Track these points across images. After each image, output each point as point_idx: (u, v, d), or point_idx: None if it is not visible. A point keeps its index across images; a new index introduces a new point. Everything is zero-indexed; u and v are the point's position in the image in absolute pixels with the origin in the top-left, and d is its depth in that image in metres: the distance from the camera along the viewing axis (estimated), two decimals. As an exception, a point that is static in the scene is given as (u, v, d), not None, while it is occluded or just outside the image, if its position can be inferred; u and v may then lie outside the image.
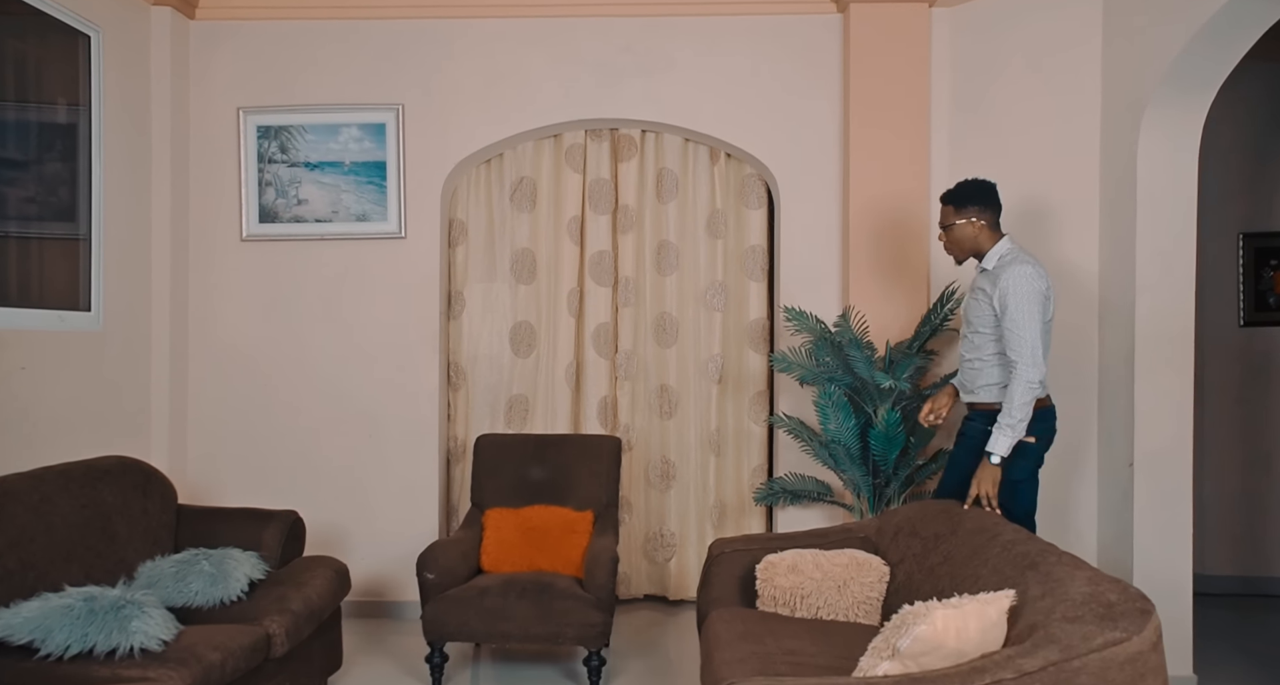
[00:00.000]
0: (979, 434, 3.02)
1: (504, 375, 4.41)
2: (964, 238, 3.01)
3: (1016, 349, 2.83)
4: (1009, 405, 2.83)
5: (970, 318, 3.07)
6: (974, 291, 3.07)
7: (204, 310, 4.23)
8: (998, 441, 2.87)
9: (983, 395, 3.04)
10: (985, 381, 3.02)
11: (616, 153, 4.43)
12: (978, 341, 3.02)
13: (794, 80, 4.17)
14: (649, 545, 4.44)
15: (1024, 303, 2.84)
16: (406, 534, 4.20)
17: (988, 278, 2.99)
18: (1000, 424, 2.86)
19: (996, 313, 2.92)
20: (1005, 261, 2.95)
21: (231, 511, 3.50)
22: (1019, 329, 2.83)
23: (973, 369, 3.06)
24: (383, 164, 4.18)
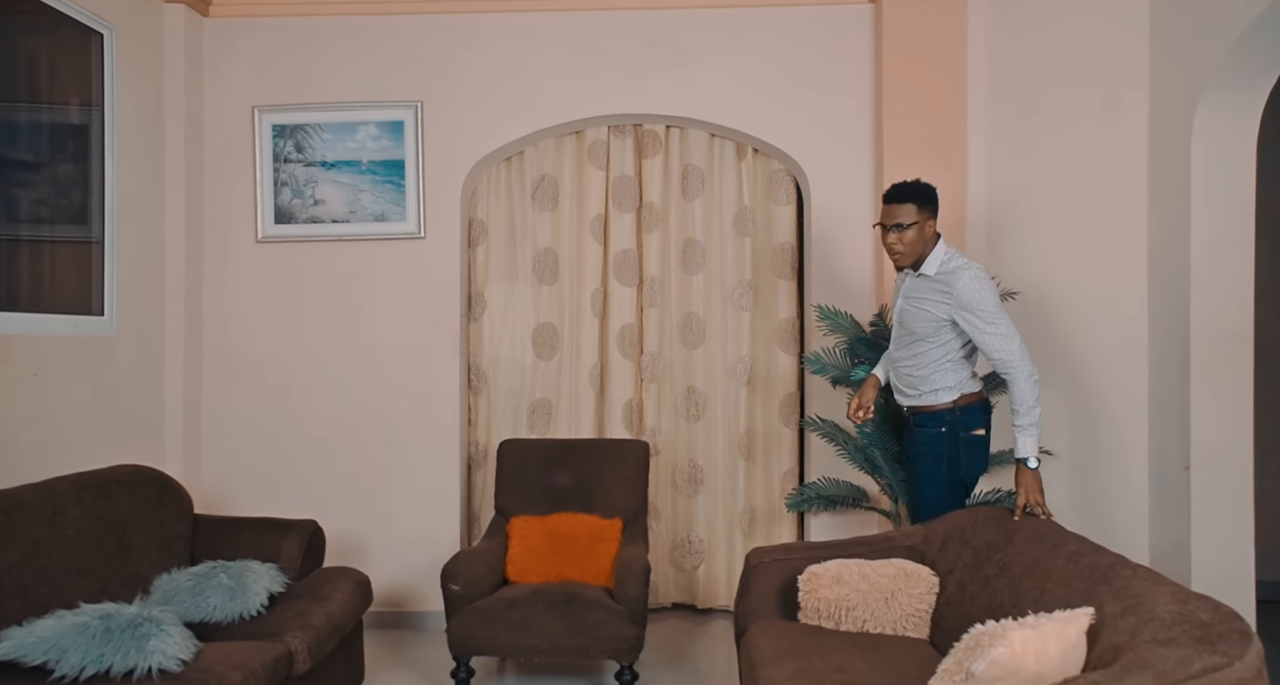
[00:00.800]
0: (936, 439, 2.94)
1: (526, 378, 4.29)
2: (919, 239, 2.86)
3: (1007, 350, 2.75)
4: (1023, 407, 2.75)
5: (910, 326, 2.95)
6: (909, 299, 2.94)
7: (218, 314, 4.12)
8: (1027, 445, 2.77)
9: (929, 399, 2.96)
10: (934, 386, 2.94)
11: (640, 149, 4.31)
12: (920, 349, 2.93)
13: (824, 73, 4.04)
14: (677, 552, 4.31)
15: (994, 304, 2.78)
16: (428, 543, 4.08)
17: (931, 285, 2.87)
18: (1022, 427, 2.77)
19: (950, 319, 2.83)
20: (950, 266, 2.84)
21: (249, 521, 3.39)
22: (1003, 331, 2.76)
23: (915, 375, 2.97)
24: (401, 162, 4.07)
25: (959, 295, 2.79)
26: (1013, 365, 2.76)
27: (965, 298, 2.78)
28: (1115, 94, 3.54)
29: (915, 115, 3.86)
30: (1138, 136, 3.49)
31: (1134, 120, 3.49)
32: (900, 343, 3.01)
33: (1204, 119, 3.14)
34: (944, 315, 2.84)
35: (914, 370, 2.98)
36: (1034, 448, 2.77)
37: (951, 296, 2.80)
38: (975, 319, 2.79)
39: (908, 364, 2.99)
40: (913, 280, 2.96)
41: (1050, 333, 3.72)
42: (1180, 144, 3.23)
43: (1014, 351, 2.77)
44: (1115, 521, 3.49)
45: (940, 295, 2.83)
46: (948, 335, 2.89)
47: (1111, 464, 3.55)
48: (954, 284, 2.79)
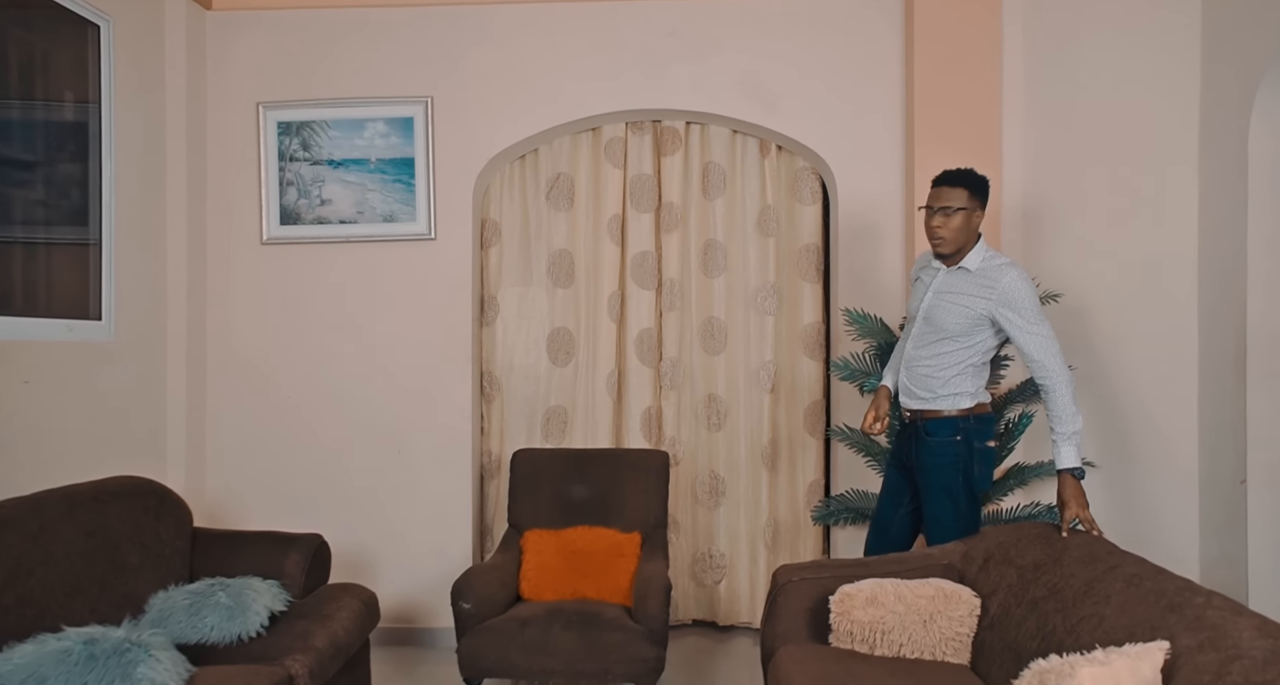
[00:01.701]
0: (950, 448, 2.79)
1: (541, 385, 4.13)
2: (965, 227, 2.72)
3: (1048, 353, 2.64)
4: (1065, 413, 2.62)
5: (941, 322, 2.78)
6: (942, 294, 2.79)
7: (222, 318, 3.98)
8: (1070, 454, 2.62)
9: (944, 404, 2.80)
10: (953, 390, 2.79)
11: (659, 146, 4.15)
12: (946, 349, 2.78)
13: (852, 66, 3.86)
14: (697, 567, 4.14)
15: (1037, 305, 2.67)
16: (438, 556, 3.92)
17: (972, 281, 2.74)
18: (1065, 436, 2.62)
19: (989, 317, 2.70)
20: (994, 263, 2.73)
21: (251, 535, 3.24)
22: (1046, 333, 2.65)
23: (933, 376, 2.81)
24: (411, 161, 3.92)
25: (1003, 292, 2.67)
26: (1053, 370, 2.65)
27: (1010, 295, 2.67)
28: (1164, 81, 3.35)
29: (948, 109, 3.68)
30: (1187, 126, 3.29)
31: (1184, 108, 3.29)
32: (923, 341, 2.84)
33: (1264, 106, 2.94)
34: (984, 312, 2.71)
35: (934, 371, 2.81)
36: (1078, 458, 2.63)
37: (995, 293, 2.68)
38: (1018, 318, 2.67)
39: (927, 364, 2.82)
40: (947, 276, 2.81)
41: (1091, 336, 3.53)
42: (1237, 133, 3.04)
43: (1055, 356, 2.65)
44: (1161, 537, 3.29)
45: (982, 291, 2.71)
46: (981, 336, 2.75)
47: (1157, 476, 3.35)
48: (999, 280, 2.68)
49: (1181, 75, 3.31)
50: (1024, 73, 3.72)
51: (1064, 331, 3.53)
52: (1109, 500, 3.43)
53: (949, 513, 2.83)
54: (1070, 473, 2.61)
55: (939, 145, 3.67)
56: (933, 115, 3.69)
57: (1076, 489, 2.61)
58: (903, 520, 3.02)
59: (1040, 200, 3.69)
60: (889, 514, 3.03)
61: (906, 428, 2.95)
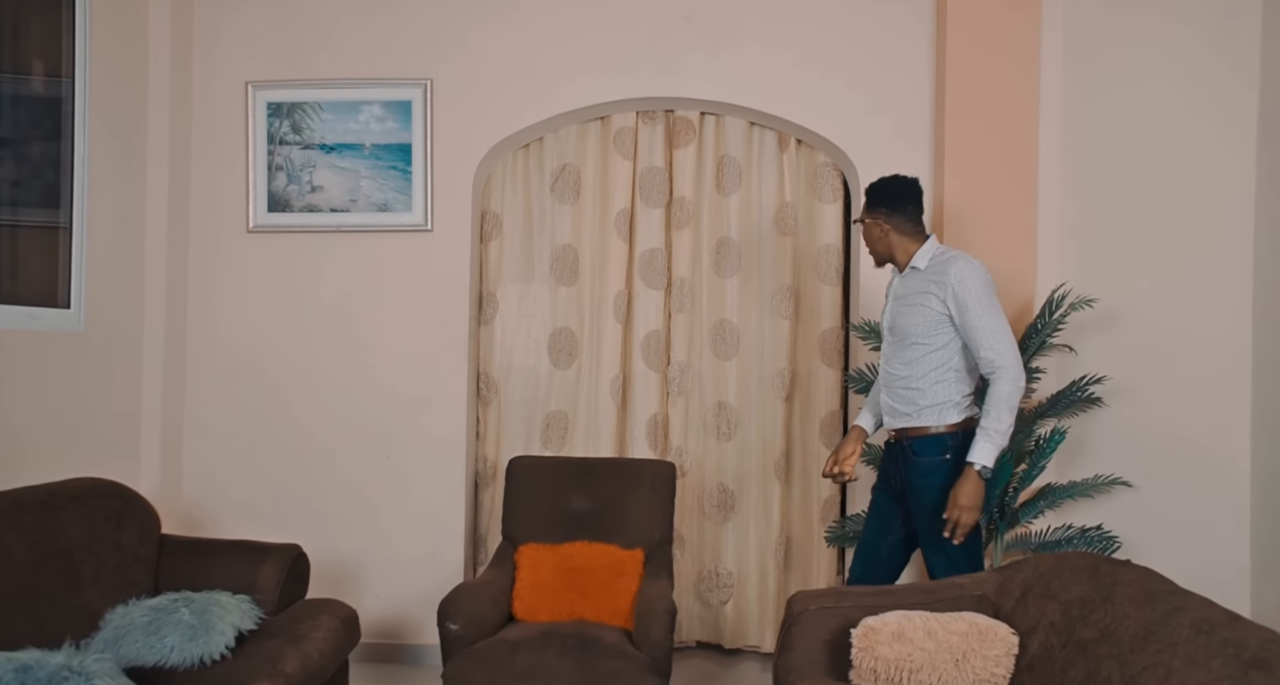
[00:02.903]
0: (940, 469, 2.60)
1: (541, 389, 3.89)
2: (873, 239, 2.75)
3: (995, 347, 2.52)
4: (996, 409, 2.50)
5: (903, 327, 2.67)
6: (900, 299, 2.71)
7: (204, 310, 3.75)
8: (983, 450, 2.50)
9: (930, 418, 2.63)
10: (936, 400, 2.63)
11: (672, 138, 3.91)
12: (916, 354, 2.64)
13: (878, 56, 3.62)
14: (702, 585, 3.89)
15: (988, 295, 2.55)
16: (427, 568, 3.69)
17: (924, 278, 2.64)
18: (986, 430, 2.51)
19: (949, 314, 2.58)
20: (943, 257, 2.65)
21: (223, 544, 3.01)
22: (993, 323, 2.53)
23: (914, 387, 2.65)
24: (408, 147, 3.68)
25: (951, 282, 2.56)
26: (1000, 363, 2.52)
27: (956, 284, 2.55)
28: (1216, 72, 3.11)
29: (981, 102, 3.44)
30: (1244, 125, 3.05)
31: (1239, 107, 3.05)
32: (893, 353, 2.72)
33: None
34: (940, 309, 2.60)
35: (911, 380, 2.64)
36: (992, 458, 2.51)
37: (944, 285, 2.57)
38: (965, 308, 2.54)
39: (903, 373, 2.67)
40: (901, 280, 2.74)
41: (1131, 346, 3.29)
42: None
43: (1003, 349, 2.52)
44: (1207, 568, 3.03)
45: (934, 286, 2.60)
46: (947, 334, 2.61)
47: (1203, 501, 3.11)
48: (946, 271, 2.58)
49: (1239, 58, 3.06)
50: (1063, 69, 3.48)
51: (1100, 340, 3.30)
52: (1148, 524, 3.19)
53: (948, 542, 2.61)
54: (977, 470, 2.50)
55: (970, 143, 3.44)
56: (964, 111, 3.45)
57: (975, 487, 2.50)
58: (892, 547, 2.81)
59: (1078, 202, 3.45)
60: (877, 540, 2.81)
61: (892, 448, 2.76)
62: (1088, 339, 3.33)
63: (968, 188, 3.43)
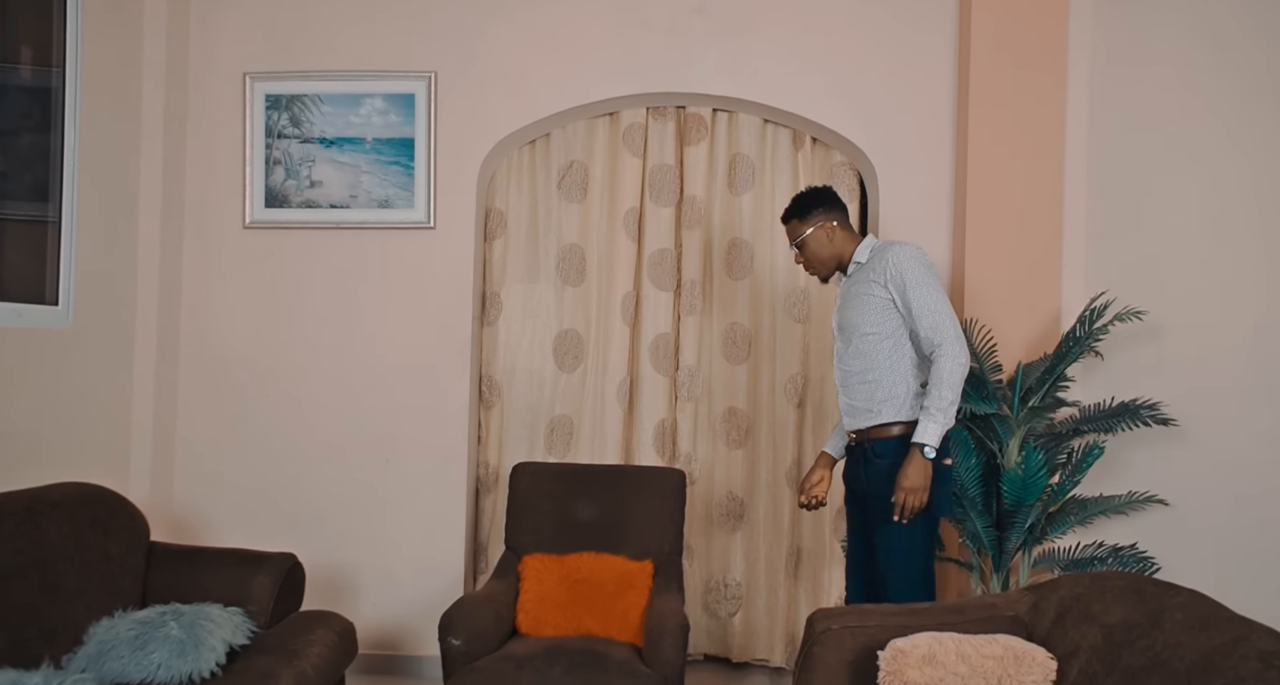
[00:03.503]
0: (892, 471, 2.52)
1: (545, 392, 3.76)
2: (821, 247, 2.71)
3: (935, 324, 2.49)
4: (939, 387, 2.46)
5: (851, 322, 2.65)
6: (849, 297, 2.68)
7: (198, 308, 3.62)
8: (927, 429, 2.46)
9: (889, 414, 2.58)
10: (894, 393, 2.57)
11: (683, 135, 3.79)
12: (868, 345, 2.60)
13: (898, 49, 3.50)
14: (710, 597, 3.77)
15: (926, 275, 2.53)
16: (427, 577, 3.56)
17: (866, 270, 2.64)
18: (928, 410, 2.46)
19: (893, 299, 2.56)
20: (880, 247, 2.65)
21: (215, 553, 2.88)
22: (933, 301, 2.50)
23: (870, 381, 2.60)
24: (410, 141, 3.56)
25: (889, 266, 2.55)
26: (940, 339, 2.48)
27: (894, 266, 2.54)
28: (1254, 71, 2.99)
29: (1006, 99, 3.32)
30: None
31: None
32: (844, 349, 2.68)
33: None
34: (883, 294, 2.58)
35: (866, 372, 2.59)
36: (936, 436, 2.46)
37: (884, 271, 2.56)
38: (903, 289, 2.52)
39: (857, 367, 2.63)
40: (846, 281, 2.74)
41: (1163, 356, 3.17)
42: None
43: (944, 328, 2.49)
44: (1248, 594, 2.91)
45: (874, 274, 2.59)
46: (894, 321, 2.58)
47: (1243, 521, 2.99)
48: (885, 256, 2.58)
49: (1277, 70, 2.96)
50: (1091, 65, 3.37)
51: (1132, 350, 3.19)
52: (1184, 545, 3.07)
53: (900, 542, 2.55)
54: (921, 449, 2.45)
55: (995, 142, 3.33)
56: (989, 108, 3.33)
57: (920, 468, 2.45)
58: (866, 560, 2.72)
59: (1109, 206, 3.34)
60: (864, 553, 2.72)
61: (853, 452, 2.70)
62: (1115, 348, 3.21)
63: (991, 190, 3.31)
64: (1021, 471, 2.86)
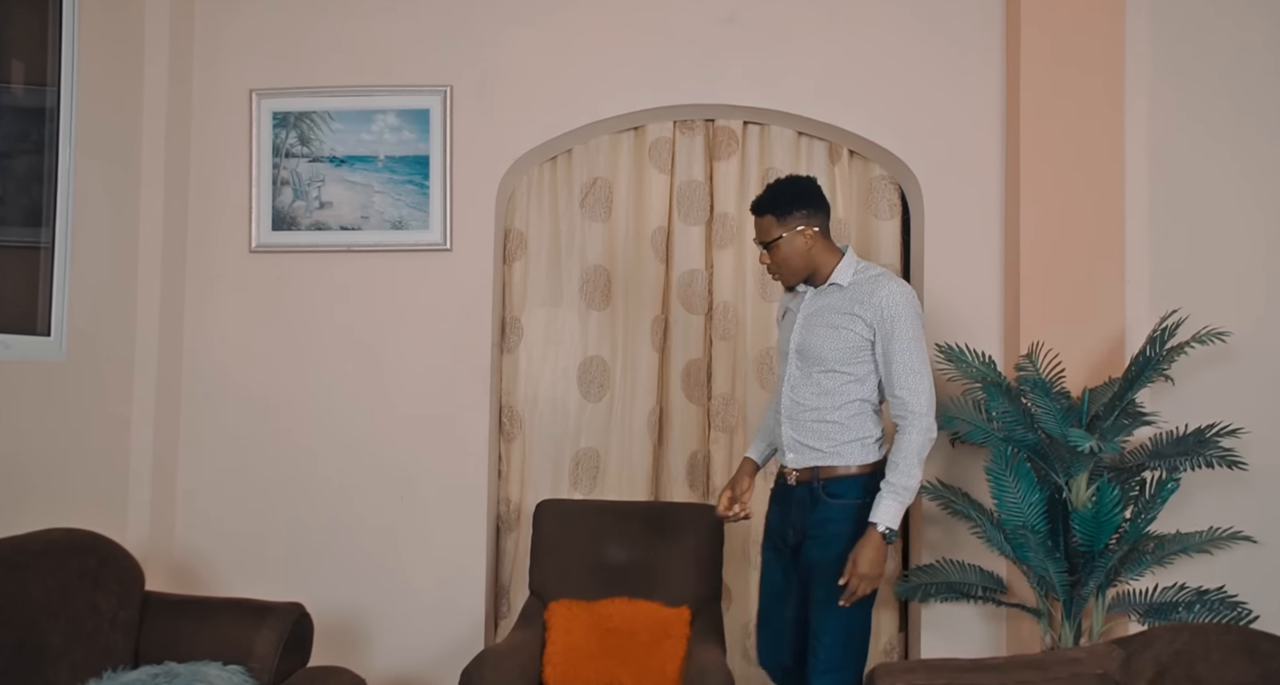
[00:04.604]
0: (851, 515, 2.30)
1: (570, 423, 3.53)
2: (794, 254, 2.37)
3: (912, 387, 2.26)
4: (906, 462, 2.24)
5: (817, 352, 2.35)
6: (813, 319, 2.38)
7: (201, 338, 3.41)
8: (888, 509, 2.24)
9: (848, 456, 2.33)
10: (855, 435, 2.34)
11: (712, 149, 3.58)
12: (833, 384, 2.34)
13: (944, 56, 3.29)
14: (749, 642, 3.49)
15: (917, 328, 2.29)
16: (446, 623, 3.32)
17: (846, 297, 2.34)
18: (893, 487, 2.24)
19: (871, 340, 2.31)
20: (870, 275, 2.36)
21: (215, 604, 2.67)
22: (917, 360, 2.27)
23: (829, 421, 2.34)
24: (425, 159, 3.36)
25: (881, 304, 2.29)
26: (914, 407, 2.26)
27: (887, 308, 2.28)
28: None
29: (1061, 108, 3.09)
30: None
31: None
32: (803, 380, 2.38)
33: None
34: (864, 334, 2.32)
35: (826, 412, 2.35)
36: (896, 517, 2.25)
37: (870, 308, 2.30)
38: (889, 337, 2.28)
39: (815, 404, 2.35)
40: (816, 296, 2.41)
41: (1244, 380, 2.92)
42: None
43: (922, 391, 2.27)
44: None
45: (857, 307, 2.32)
46: (868, 364, 2.34)
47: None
48: (875, 292, 2.31)
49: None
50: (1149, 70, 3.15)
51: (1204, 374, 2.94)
52: (1274, 587, 2.80)
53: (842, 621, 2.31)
54: (881, 532, 2.23)
55: (1048, 151, 3.10)
56: (1040, 116, 3.11)
57: (879, 553, 2.22)
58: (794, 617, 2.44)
59: (1173, 222, 3.11)
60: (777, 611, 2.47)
61: (789, 494, 2.40)
62: (1183, 371, 2.96)
63: (1046, 203, 3.09)
64: (1094, 509, 2.60)
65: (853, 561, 2.22)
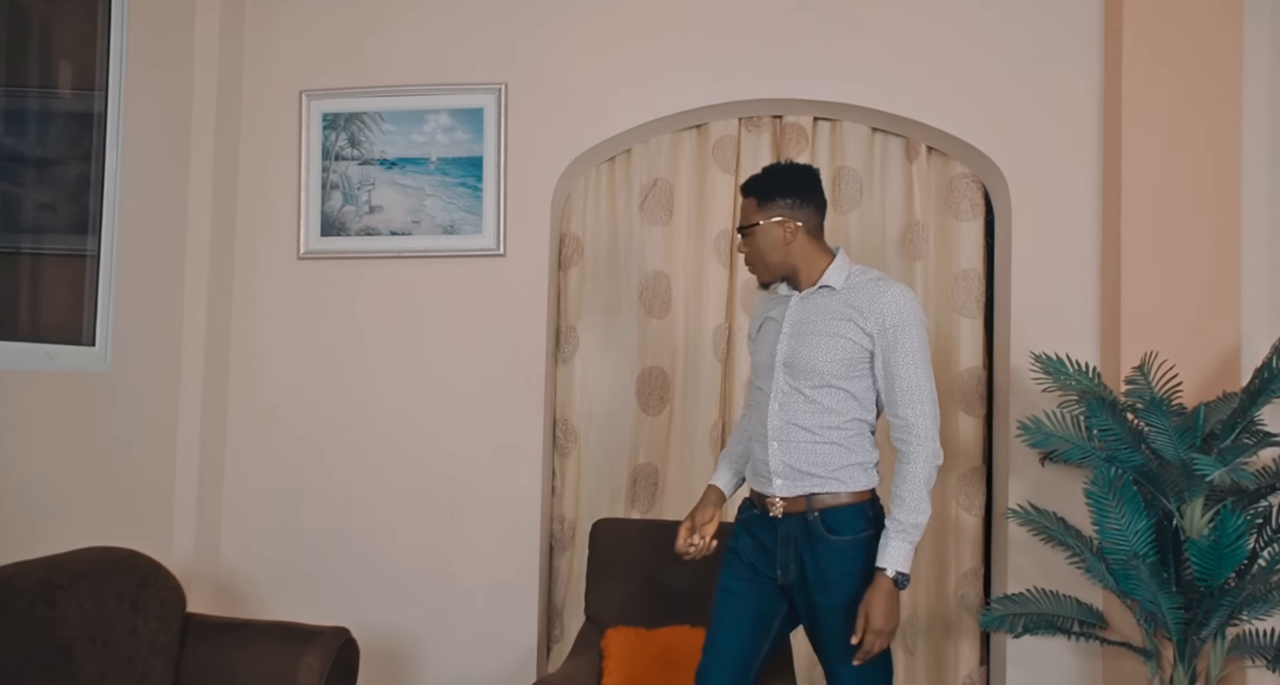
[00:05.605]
0: (859, 551, 1.99)
1: (627, 438, 3.35)
2: (769, 246, 2.09)
3: (918, 407, 1.98)
4: (914, 495, 1.94)
5: (810, 365, 2.03)
6: (808, 330, 2.06)
7: (248, 348, 3.31)
8: (898, 551, 1.93)
9: (847, 481, 2.02)
10: (853, 459, 2.04)
11: (779, 147, 3.38)
12: (830, 401, 2.03)
13: (1036, 43, 3.05)
14: (816, 672, 3.27)
15: (922, 339, 2.01)
16: (497, 648, 3.17)
17: (841, 301, 2.05)
18: (900, 525, 1.94)
19: (871, 351, 2.01)
20: (869, 278, 2.07)
21: (258, 628, 2.53)
22: (922, 377, 1.99)
23: (826, 443, 2.03)
24: (478, 160, 3.22)
25: (883, 311, 1.99)
26: (920, 429, 1.97)
27: (892, 316, 1.99)
28: None
29: (1166, 100, 2.84)
30: None
31: None
32: (790, 395, 2.06)
33: None
34: (865, 344, 2.02)
35: (828, 432, 2.03)
36: (908, 561, 1.94)
37: (871, 315, 2.00)
38: (893, 349, 1.98)
39: (811, 423, 2.04)
40: (804, 302, 2.10)
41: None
42: None
43: (928, 412, 1.98)
44: None
45: (857, 315, 2.02)
46: (868, 378, 2.05)
47: None
48: (878, 298, 2.01)
49: None
50: (1272, 55, 2.87)
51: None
52: None
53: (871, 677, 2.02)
54: (891, 575, 1.93)
55: (1152, 148, 2.85)
56: (1144, 108, 2.86)
57: (894, 604, 1.92)
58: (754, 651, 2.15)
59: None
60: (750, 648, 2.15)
61: (772, 527, 2.09)
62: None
63: (1152, 206, 2.83)
64: (1213, 538, 2.34)
65: (864, 616, 1.92)
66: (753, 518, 2.16)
